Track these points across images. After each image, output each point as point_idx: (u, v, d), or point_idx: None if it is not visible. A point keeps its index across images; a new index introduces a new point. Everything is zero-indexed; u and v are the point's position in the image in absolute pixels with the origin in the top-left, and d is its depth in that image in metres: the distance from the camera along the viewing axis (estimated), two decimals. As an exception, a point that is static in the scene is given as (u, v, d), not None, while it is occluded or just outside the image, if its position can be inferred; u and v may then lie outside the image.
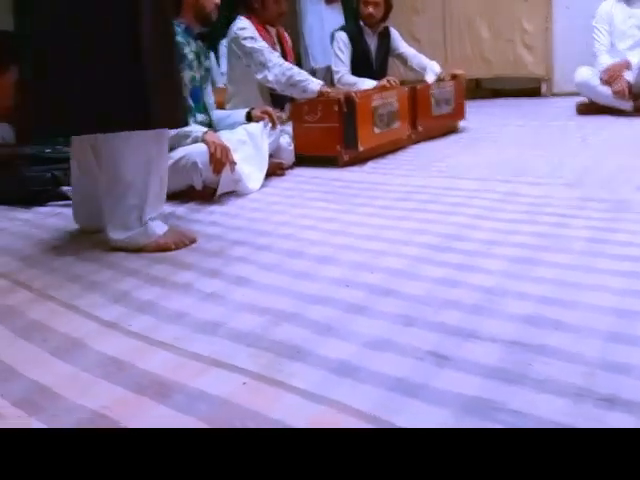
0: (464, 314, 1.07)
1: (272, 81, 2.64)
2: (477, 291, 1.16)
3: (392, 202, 1.89)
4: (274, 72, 2.60)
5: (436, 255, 1.38)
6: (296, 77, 2.58)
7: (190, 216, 1.96)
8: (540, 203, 1.73)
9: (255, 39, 2.64)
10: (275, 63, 2.61)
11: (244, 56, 2.67)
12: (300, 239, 1.60)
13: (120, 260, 1.55)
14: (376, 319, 1.08)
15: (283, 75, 2.59)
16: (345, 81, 3.21)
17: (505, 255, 1.35)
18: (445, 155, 2.60)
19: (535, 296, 1.12)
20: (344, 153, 2.53)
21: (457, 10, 4.95)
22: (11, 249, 1.71)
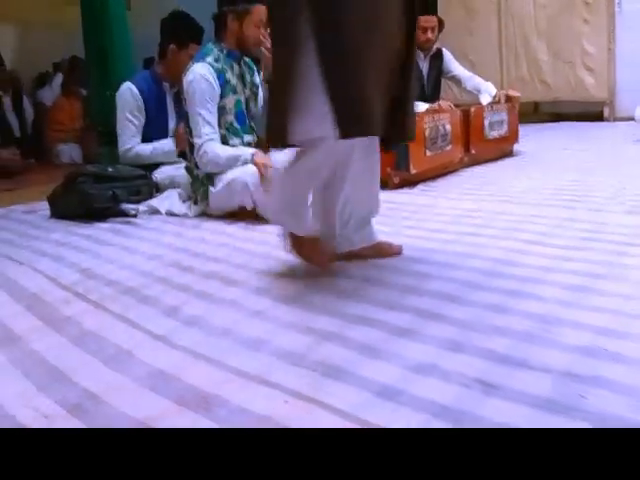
0: (515, 341, 1.03)
1: None
2: (529, 318, 1.13)
3: (442, 225, 1.87)
4: None
5: (486, 280, 1.35)
6: None
7: (241, 234, 1.99)
8: (598, 230, 1.67)
9: None
10: None
11: None
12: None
13: (172, 276, 1.59)
14: (422, 343, 1.06)
15: None
16: None
17: (559, 282, 1.30)
18: (498, 179, 2.55)
19: (590, 326, 1.07)
20: (394, 175, 2.52)
21: (513, 31, 4.88)
22: (73, 262, 1.78)
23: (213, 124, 2.23)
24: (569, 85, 4.62)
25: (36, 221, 2.44)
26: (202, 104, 2.20)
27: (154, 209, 2.41)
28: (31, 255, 1.89)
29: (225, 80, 2.26)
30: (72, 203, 2.35)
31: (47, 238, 2.11)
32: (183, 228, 2.14)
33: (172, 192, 2.51)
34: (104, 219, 2.32)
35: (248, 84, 2.40)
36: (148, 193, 2.51)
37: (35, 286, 1.58)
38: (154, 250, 1.86)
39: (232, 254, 1.76)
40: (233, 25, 2.26)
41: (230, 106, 2.30)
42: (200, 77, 2.19)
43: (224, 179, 2.18)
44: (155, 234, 2.08)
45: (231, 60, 2.31)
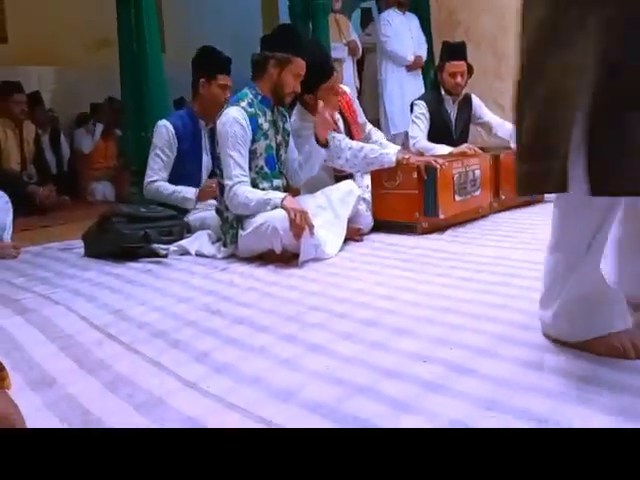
0: (552, 401, 1.01)
1: (345, 165, 2.66)
2: (564, 377, 1.10)
3: (472, 274, 1.85)
4: (345, 156, 2.62)
5: (519, 334, 1.33)
6: (370, 155, 2.60)
7: (269, 278, 2.01)
8: None
9: None
10: (343, 147, 2.62)
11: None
12: (376, 308, 1.60)
13: (201, 320, 1.61)
14: (454, 399, 1.05)
15: (355, 157, 2.61)
16: (420, 146, 3.21)
17: (594, 338, 1.27)
18: (529, 226, 2.52)
19: (628, 386, 1.04)
20: (423, 220, 2.52)
21: (543, 77, 4.89)
22: (106, 302, 1.81)
23: (244, 167, 2.28)
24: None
25: (71, 259, 2.51)
26: (234, 146, 2.25)
27: (184, 250, 2.45)
28: (66, 294, 1.93)
29: (257, 125, 2.32)
30: (106, 242, 2.40)
31: (82, 277, 2.16)
32: (212, 270, 2.17)
33: (202, 233, 2.56)
34: (136, 258, 2.37)
35: (280, 130, 2.45)
36: (179, 234, 2.56)
37: (69, 326, 1.61)
38: (184, 292, 1.88)
39: (261, 299, 1.77)
40: (273, 71, 2.32)
41: (261, 151, 2.35)
42: (233, 120, 2.25)
43: (253, 223, 2.21)
44: (185, 275, 2.11)
45: (264, 106, 2.36)
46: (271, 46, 2.34)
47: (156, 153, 2.77)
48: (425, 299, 1.64)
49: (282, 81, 2.33)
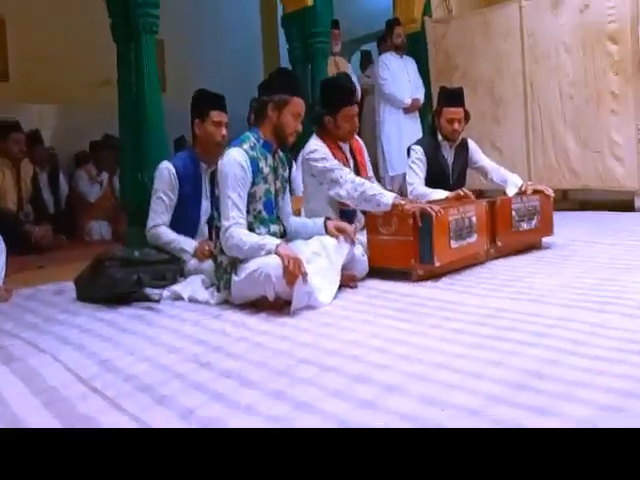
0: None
1: (345, 197, 2.70)
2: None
3: (466, 325, 1.82)
4: (346, 188, 2.66)
5: (512, 394, 1.30)
6: (369, 192, 2.63)
7: (261, 327, 1.98)
8: (634, 339, 1.59)
9: (326, 159, 2.73)
10: (346, 179, 2.67)
11: (318, 175, 2.76)
12: (368, 362, 1.57)
13: (189, 372, 1.57)
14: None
15: (355, 191, 2.64)
16: (417, 192, 3.21)
17: (591, 401, 1.23)
18: (526, 274, 2.49)
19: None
20: (418, 267, 2.50)
21: (540, 119, 4.93)
22: (94, 352, 1.78)
23: (242, 209, 2.27)
24: (598, 174, 4.58)
25: (62, 303, 2.47)
26: (233, 188, 2.25)
27: (177, 295, 2.43)
28: (54, 342, 1.90)
29: (258, 168, 2.32)
30: (98, 287, 2.38)
31: (71, 323, 2.13)
32: (204, 317, 2.14)
33: (196, 278, 2.53)
34: (129, 303, 2.35)
35: (280, 177, 2.46)
36: (173, 278, 2.53)
37: (54, 378, 1.58)
38: (175, 341, 1.85)
39: (251, 350, 1.74)
40: (272, 114, 2.34)
41: (260, 194, 2.35)
42: (234, 161, 2.26)
43: (247, 269, 2.19)
44: (176, 323, 2.08)
45: (266, 151, 2.38)
46: (268, 90, 2.38)
47: (158, 196, 2.76)
48: (418, 353, 1.61)
49: (282, 122, 2.35)
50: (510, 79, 5.08)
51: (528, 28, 4.89)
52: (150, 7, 3.37)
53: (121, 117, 3.54)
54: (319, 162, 2.74)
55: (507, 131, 5.15)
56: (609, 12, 4.42)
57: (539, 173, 4.89)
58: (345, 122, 2.80)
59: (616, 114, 4.49)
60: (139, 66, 3.39)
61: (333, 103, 2.79)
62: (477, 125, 5.15)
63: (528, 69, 4.94)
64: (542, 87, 4.88)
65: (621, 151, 4.47)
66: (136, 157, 3.44)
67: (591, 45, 4.55)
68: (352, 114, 2.81)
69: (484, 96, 5.24)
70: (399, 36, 5.26)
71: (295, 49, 4.61)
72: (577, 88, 4.67)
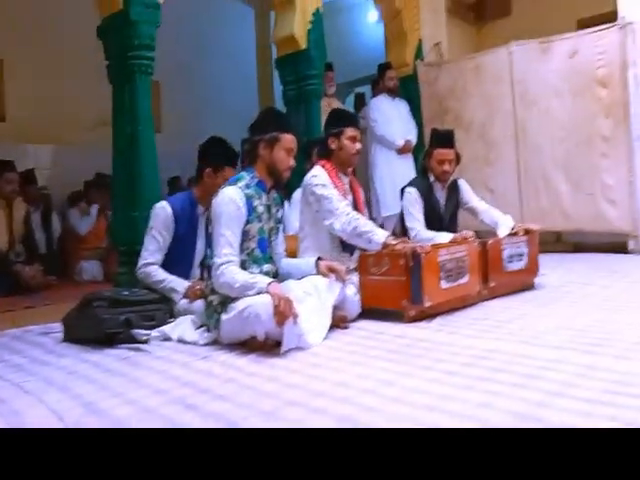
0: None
1: (338, 229, 2.71)
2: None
3: (457, 367, 1.80)
4: (340, 221, 2.68)
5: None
6: (362, 228, 2.64)
7: (250, 368, 1.94)
8: (624, 381, 1.58)
9: (326, 186, 2.76)
10: (342, 212, 2.69)
11: (314, 202, 2.79)
12: (356, 404, 1.54)
13: (174, 414, 1.54)
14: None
15: (349, 224, 2.66)
16: (421, 237, 3.18)
17: (580, 444, 1.21)
18: (518, 315, 2.48)
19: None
20: (410, 308, 2.48)
21: (531, 162, 4.99)
22: (78, 394, 1.75)
23: (235, 247, 2.27)
24: (591, 216, 4.60)
25: (49, 344, 2.44)
26: (227, 225, 2.25)
27: (166, 335, 2.40)
28: (39, 383, 1.87)
29: (253, 207, 2.33)
30: (85, 327, 2.35)
31: (57, 364, 2.10)
32: (192, 358, 2.10)
33: (185, 318, 2.50)
34: (116, 344, 2.31)
35: (273, 216, 2.47)
36: (162, 319, 2.51)
37: (37, 421, 1.54)
38: (161, 383, 1.82)
39: (239, 391, 1.71)
40: (264, 152, 2.38)
41: (254, 233, 2.35)
42: (229, 199, 2.27)
43: (236, 307, 2.17)
44: (164, 364, 2.05)
45: (260, 190, 2.39)
46: (258, 130, 2.41)
47: (153, 235, 2.75)
48: (407, 395, 1.58)
49: (275, 159, 2.37)
50: (501, 122, 5.16)
51: (518, 73, 5.00)
52: (145, 50, 3.45)
53: (115, 157, 3.57)
54: (319, 187, 2.75)
55: (499, 174, 5.20)
56: (598, 57, 4.54)
57: (532, 215, 4.90)
58: (349, 142, 2.85)
59: (607, 157, 4.54)
60: (134, 107, 3.44)
61: (337, 124, 2.89)
62: (470, 167, 5.22)
63: (519, 113, 5.03)
64: (533, 131, 4.96)
65: (613, 193, 4.51)
66: (128, 197, 3.45)
67: (581, 90, 4.65)
68: (355, 135, 2.88)
69: (476, 139, 5.31)
70: (391, 79, 5.38)
71: (289, 90, 4.70)
72: (568, 132, 4.74)
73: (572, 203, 4.73)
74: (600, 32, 4.53)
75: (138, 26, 3.40)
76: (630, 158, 4.41)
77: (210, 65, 7.51)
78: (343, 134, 2.85)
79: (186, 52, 7.10)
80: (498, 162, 5.21)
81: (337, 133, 2.86)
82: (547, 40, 4.85)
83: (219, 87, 7.54)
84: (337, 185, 2.83)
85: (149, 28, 3.46)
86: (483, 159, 5.28)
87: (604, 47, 4.50)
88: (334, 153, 2.88)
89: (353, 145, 2.87)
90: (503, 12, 6.36)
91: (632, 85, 4.40)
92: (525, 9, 6.15)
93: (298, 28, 4.52)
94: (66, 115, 5.97)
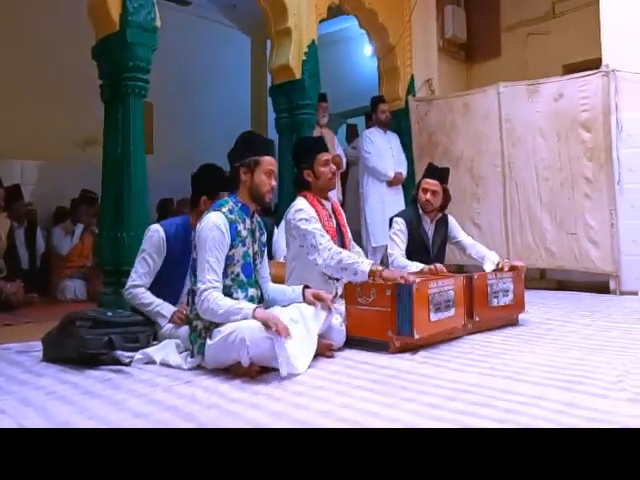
0: None
1: (321, 265, 2.73)
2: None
3: (440, 400, 1.80)
4: (323, 256, 2.70)
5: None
6: (345, 260, 2.65)
7: (233, 394, 1.93)
8: (602, 419, 1.59)
9: (309, 221, 2.79)
10: (324, 247, 2.71)
11: (298, 237, 2.81)
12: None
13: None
14: None
15: (332, 259, 2.67)
16: (397, 264, 3.26)
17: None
18: (501, 351, 2.49)
19: None
20: (395, 339, 2.48)
21: (517, 199, 5.07)
22: (54, 417, 1.71)
23: (218, 273, 2.27)
24: (574, 255, 4.68)
25: (27, 363, 2.40)
26: (211, 251, 2.25)
27: (149, 358, 2.37)
28: (15, 403, 1.84)
29: (237, 231, 2.34)
30: (66, 347, 2.32)
31: (35, 384, 2.06)
32: (175, 382, 2.08)
33: (170, 342, 2.48)
34: (97, 366, 2.28)
35: (257, 240, 2.48)
36: (146, 341, 2.48)
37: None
38: (142, 407, 1.80)
39: (220, 417, 1.69)
40: (245, 177, 2.40)
41: (238, 257, 2.36)
42: (213, 225, 2.27)
43: (221, 332, 2.16)
44: (146, 387, 2.02)
45: (244, 214, 2.40)
46: (237, 157, 2.43)
47: (143, 257, 2.73)
48: (390, 426, 1.58)
49: (256, 183, 2.39)
50: (489, 159, 5.26)
51: (506, 112, 5.12)
52: (140, 72, 3.48)
53: (104, 177, 3.57)
54: (302, 222, 2.78)
55: (486, 209, 5.28)
56: (582, 102, 4.66)
57: (517, 251, 4.98)
58: (323, 168, 2.91)
59: (590, 199, 4.64)
60: (125, 128, 3.46)
61: (307, 155, 2.94)
62: (458, 202, 5.29)
63: (506, 151, 5.13)
64: (519, 168, 5.06)
65: (596, 234, 4.59)
66: (116, 217, 3.44)
67: (565, 132, 4.76)
68: (327, 158, 2.93)
69: (464, 174, 5.40)
70: (384, 112, 5.47)
71: (282, 119, 4.76)
72: (552, 171, 4.85)
73: (556, 241, 4.81)
74: (585, 77, 4.67)
75: (134, 48, 3.44)
76: (612, 201, 4.51)
77: (204, 89, 7.59)
78: (316, 162, 2.91)
79: (181, 75, 7.17)
80: (486, 198, 5.29)
81: (310, 164, 2.92)
82: (534, 82, 4.99)
83: (212, 112, 7.60)
84: (320, 213, 2.86)
85: (145, 51, 3.50)
86: (471, 194, 5.37)
87: (588, 92, 4.63)
88: (312, 184, 2.93)
89: (327, 169, 2.92)
90: (493, 53, 6.53)
91: (614, 130, 4.52)
92: (514, 52, 6.32)
93: (293, 58, 4.62)
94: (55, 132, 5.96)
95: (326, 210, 2.95)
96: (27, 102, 5.78)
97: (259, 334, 2.09)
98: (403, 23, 5.86)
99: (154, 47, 3.55)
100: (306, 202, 2.87)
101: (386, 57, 5.89)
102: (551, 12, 6.12)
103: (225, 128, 7.53)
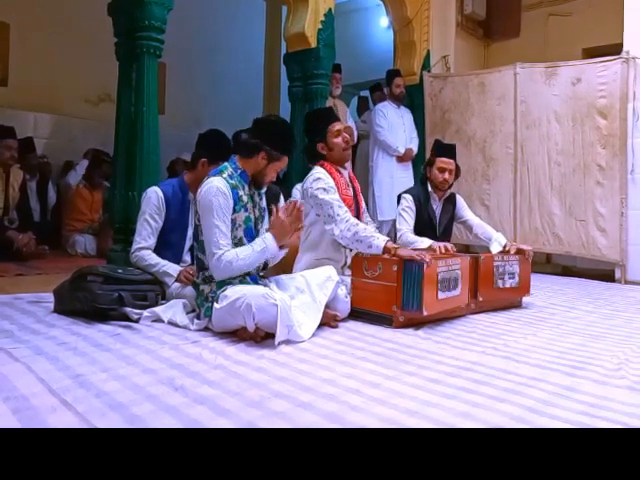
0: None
1: (337, 235, 2.75)
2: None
3: (441, 376, 1.84)
4: (340, 227, 2.72)
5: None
6: (361, 233, 2.67)
7: (239, 357, 1.97)
8: (599, 405, 1.63)
9: (328, 191, 2.79)
10: (342, 218, 2.73)
11: (315, 206, 2.82)
12: (342, 402, 1.57)
13: (163, 395, 1.56)
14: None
15: (348, 231, 2.70)
16: (405, 239, 3.27)
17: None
18: (504, 332, 2.53)
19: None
20: (400, 314, 2.52)
21: (528, 182, 5.06)
22: (68, 365, 1.77)
23: (229, 236, 2.31)
24: (581, 242, 4.69)
25: (39, 313, 2.45)
26: (219, 216, 2.28)
27: (157, 316, 2.42)
28: (28, 351, 1.88)
29: (238, 196, 2.36)
30: (78, 300, 2.36)
31: (47, 334, 2.11)
32: (183, 341, 2.13)
33: (177, 302, 2.53)
34: (107, 320, 2.33)
35: (257, 205, 2.50)
36: (154, 300, 2.53)
37: (26, 387, 1.56)
38: (150, 363, 1.84)
39: (227, 378, 1.74)
40: (261, 162, 2.39)
41: (240, 222, 2.38)
42: (217, 190, 2.29)
43: (228, 297, 2.20)
44: (154, 344, 2.07)
45: (243, 180, 2.42)
46: (266, 137, 2.38)
47: (145, 219, 2.77)
48: (391, 397, 1.62)
49: (265, 172, 2.42)
50: (502, 140, 5.23)
51: (521, 94, 5.07)
52: (155, 32, 3.45)
53: (117, 135, 3.57)
54: (320, 192, 2.79)
55: (496, 190, 5.27)
56: (600, 88, 4.61)
57: (525, 234, 4.99)
58: (335, 139, 2.90)
59: (602, 186, 4.62)
60: (139, 87, 3.45)
61: (318, 127, 2.92)
62: (468, 180, 5.29)
63: (519, 133, 5.10)
64: (532, 152, 5.03)
65: (605, 222, 4.59)
66: (128, 176, 3.45)
67: (581, 118, 4.72)
68: (339, 128, 2.92)
69: (476, 153, 5.38)
70: (399, 86, 5.43)
71: (295, 87, 4.72)
72: (565, 157, 4.83)
73: (564, 227, 4.81)
74: (604, 63, 4.60)
75: (150, 7, 3.39)
76: (623, 190, 4.50)
77: (218, 53, 7.51)
78: (328, 134, 2.89)
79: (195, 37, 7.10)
80: (496, 179, 5.28)
81: (322, 137, 2.90)
82: (553, 65, 4.92)
83: (225, 76, 7.53)
84: (338, 181, 2.86)
85: (161, 10, 3.46)
86: (481, 174, 5.35)
87: (606, 78, 4.57)
88: (327, 156, 2.92)
89: (340, 139, 2.90)
90: (512, 33, 6.44)
91: (630, 118, 4.48)
92: (533, 32, 6.23)
93: (309, 26, 4.55)
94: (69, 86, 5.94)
95: (344, 178, 2.95)
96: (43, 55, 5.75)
97: (265, 301, 2.12)
98: (422, -4, 5.77)
99: (170, 7, 3.51)
100: (324, 171, 2.87)
101: (402, 30, 5.81)
102: (574, -7, 6.01)
103: (238, 93, 7.50)
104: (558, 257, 5.18)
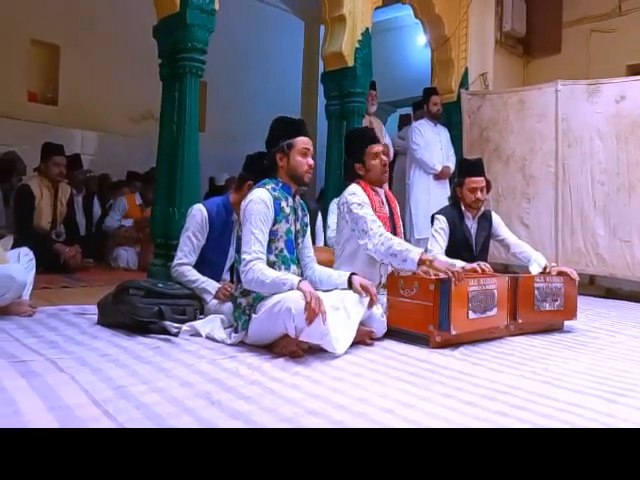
0: None
1: (371, 250, 2.75)
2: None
3: (477, 399, 1.82)
4: (373, 241, 2.72)
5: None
6: (396, 247, 2.66)
7: (274, 373, 1.99)
8: None
9: (362, 206, 2.80)
10: (375, 232, 2.73)
11: (350, 221, 2.84)
12: (373, 421, 1.57)
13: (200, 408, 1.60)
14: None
15: (382, 245, 2.69)
16: None
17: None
18: (544, 355, 2.47)
19: None
20: (436, 334, 2.49)
21: (570, 202, 4.95)
22: (110, 376, 1.83)
23: (264, 245, 2.34)
24: (626, 263, 4.55)
25: (83, 325, 2.54)
26: (257, 224, 2.32)
27: (195, 331, 2.47)
28: (72, 362, 1.95)
29: (280, 207, 2.40)
30: (120, 313, 2.44)
31: (90, 346, 2.18)
32: (220, 356, 2.17)
33: (215, 317, 2.57)
34: (147, 333, 2.39)
35: (299, 219, 2.53)
36: (192, 314, 2.58)
37: (70, 397, 1.62)
38: (188, 376, 1.88)
39: (262, 394, 1.76)
40: (282, 162, 2.45)
41: (282, 233, 2.42)
42: (258, 199, 2.35)
43: (267, 305, 2.23)
44: (192, 358, 2.12)
45: (286, 193, 2.46)
46: (272, 143, 2.48)
47: (188, 236, 2.83)
48: (424, 419, 1.61)
49: (293, 165, 2.45)
50: (542, 159, 5.15)
51: (563, 112, 4.99)
52: (197, 53, 3.58)
53: (159, 152, 3.69)
54: (355, 206, 2.81)
55: (536, 210, 5.17)
56: (645, 105, 4.51)
57: (567, 255, 4.87)
58: (373, 161, 2.91)
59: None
60: (182, 106, 3.56)
61: (357, 147, 2.94)
62: (507, 199, 5.23)
63: (561, 151, 5.01)
64: (574, 170, 4.93)
65: (650, 244, 4.45)
66: (169, 192, 3.55)
67: (625, 136, 4.62)
68: (378, 151, 2.92)
69: (515, 172, 5.31)
70: (436, 104, 5.42)
71: (332, 105, 4.77)
72: (609, 176, 4.71)
73: (608, 248, 4.68)
74: (649, 80, 4.52)
75: (193, 29, 3.52)
76: (669, 209, 4.37)
77: (257, 72, 7.66)
78: (366, 155, 2.91)
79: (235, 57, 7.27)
80: (536, 198, 5.19)
81: (360, 158, 2.92)
82: (595, 82, 4.84)
83: (264, 94, 7.67)
84: (373, 200, 2.88)
85: (203, 32, 3.58)
86: (521, 193, 5.27)
87: (652, 95, 4.47)
88: (364, 176, 2.94)
89: (378, 162, 2.91)
90: (552, 50, 6.36)
91: (676, 136, 4.37)
92: (575, 49, 6.15)
93: (346, 45, 4.61)
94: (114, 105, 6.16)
95: (379, 197, 2.96)
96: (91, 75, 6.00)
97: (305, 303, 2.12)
98: (460, 14, 5.77)
99: (212, 29, 3.63)
100: (360, 188, 2.89)
101: (440, 48, 5.81)
102: (617, 9, 5.92)
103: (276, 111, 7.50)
104: (602, 279, 5.04)
